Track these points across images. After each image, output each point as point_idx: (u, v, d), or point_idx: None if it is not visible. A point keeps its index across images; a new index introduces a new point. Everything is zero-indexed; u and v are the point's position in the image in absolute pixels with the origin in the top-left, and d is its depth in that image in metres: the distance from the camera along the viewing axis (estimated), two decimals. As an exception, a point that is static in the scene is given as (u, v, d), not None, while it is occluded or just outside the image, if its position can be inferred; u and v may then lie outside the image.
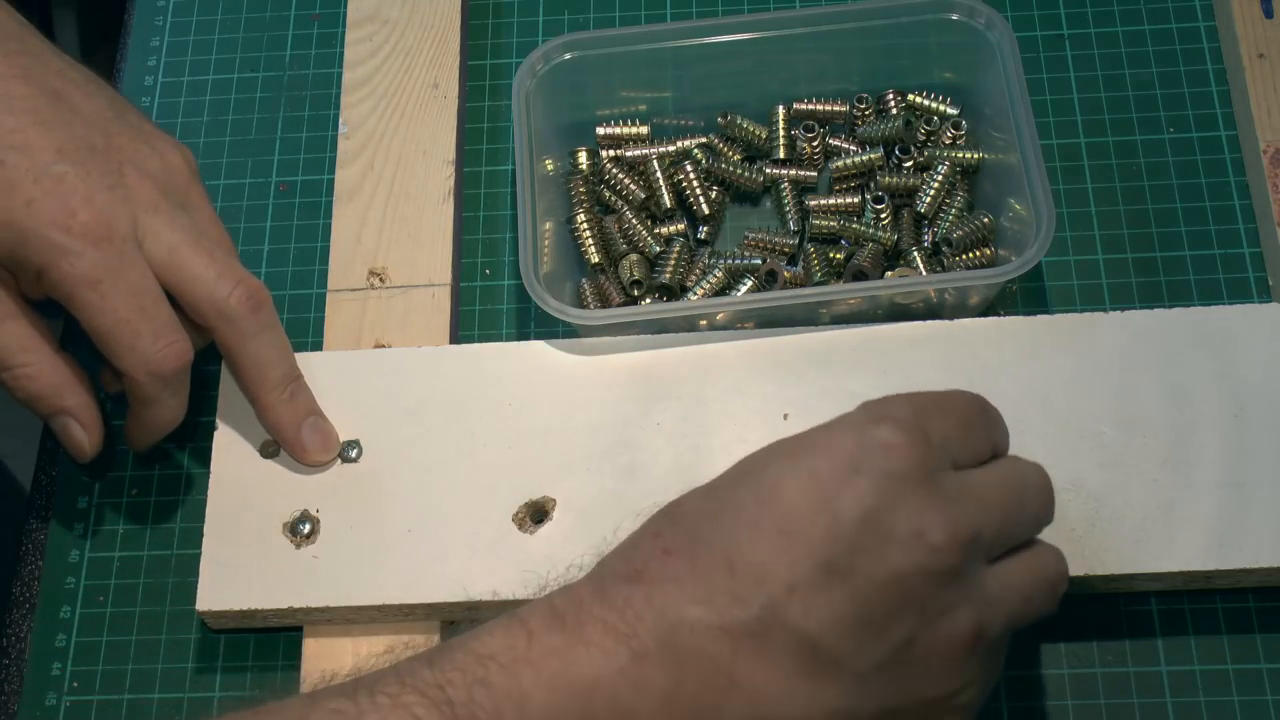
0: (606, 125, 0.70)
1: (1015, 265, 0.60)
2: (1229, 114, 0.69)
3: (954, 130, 0.68)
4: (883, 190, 0.67)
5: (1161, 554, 0.57)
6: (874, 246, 0.66)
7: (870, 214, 0.67)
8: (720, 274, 0.66)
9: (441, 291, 0.67)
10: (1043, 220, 0.60)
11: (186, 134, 0.74)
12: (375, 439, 0.62)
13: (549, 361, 0.63)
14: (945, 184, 0.67)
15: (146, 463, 0.66)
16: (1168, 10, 0.72)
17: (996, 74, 0.65)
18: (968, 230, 0.65)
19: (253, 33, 0.77)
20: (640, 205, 0.69)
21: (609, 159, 0.70)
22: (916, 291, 0.63)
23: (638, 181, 0.69)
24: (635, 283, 0.66)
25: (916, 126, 0.68)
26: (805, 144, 0.69)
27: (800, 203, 0.69)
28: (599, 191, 0.70)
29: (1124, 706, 0.58)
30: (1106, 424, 0.60)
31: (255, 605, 0.59)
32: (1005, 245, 0.65)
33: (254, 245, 0.71)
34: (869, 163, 0.68)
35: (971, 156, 0.67)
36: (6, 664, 0.62)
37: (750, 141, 0.70)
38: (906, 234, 0.67)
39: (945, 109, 0.69)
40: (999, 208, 0.66)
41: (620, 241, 0.68)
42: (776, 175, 0.69)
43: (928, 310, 0.64)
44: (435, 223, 0.68)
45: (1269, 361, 0.60)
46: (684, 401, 0.61)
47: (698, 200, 0.68)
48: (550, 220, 0.67)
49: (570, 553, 0.56)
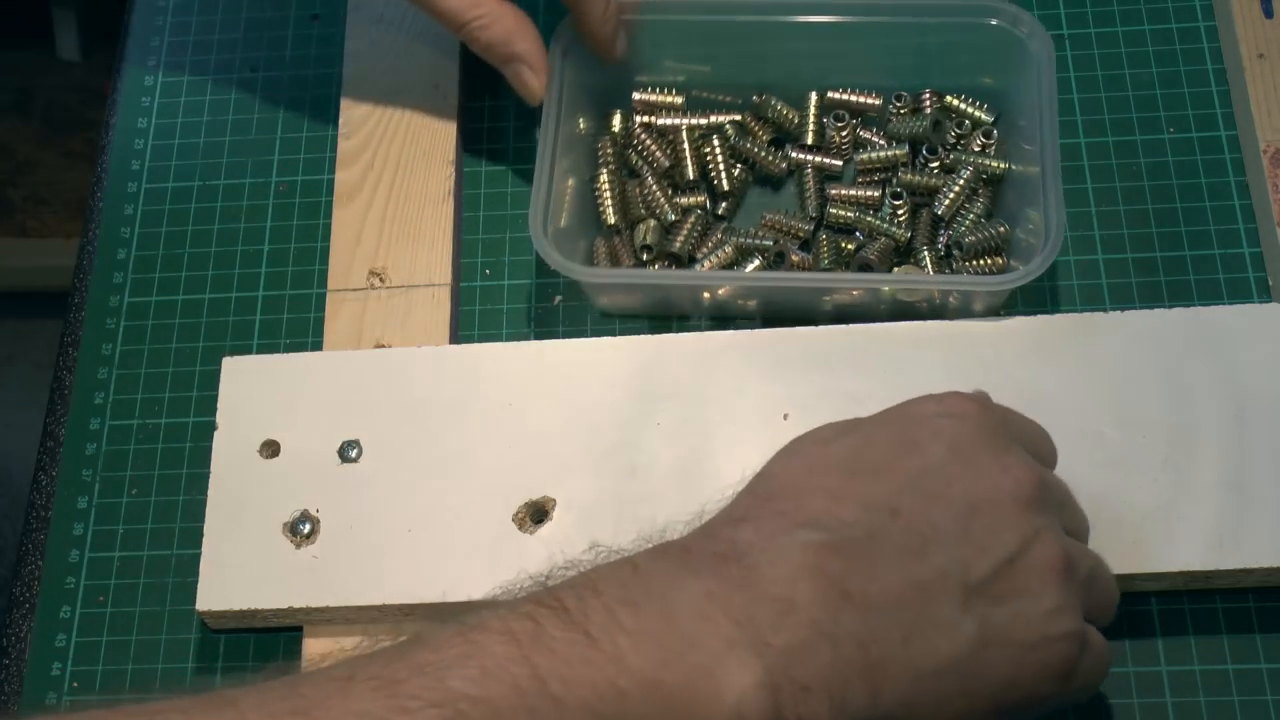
0: (643, 91, 0.71)
1: (1019, 275, 0.60)
2: (1229, 114, 0.69)
3: (984, 138, 0.68)
4: (903, 187, 0.67)
5: (1161, 554, 0.57)
6: (885, 241, 0.66)
7: (887, 209, 0.67)
8: (730, 249, 0.67)
9: (441, 291, 0.67)
10: (1051, 231, 0.60)
11: (186, 134, 0.74)
12: (375, 439, 0.62)
13: (549, 361, 0.63)
14: (966, 188, 0.66)
15: (146, 463, 0.66)
16: (1168, 10, 0.72)
17: (1033, 84, 0.64)
18: (981, 236, 0.65)
19: (253, 33, 0.77)
20: (664, 173, 0.69)
21: (641, 125, 0.70)
22: (920, 291, 0.62)
23: (665, 150, 0.70)
24: (645, 247, 0.67)
25: (947, 128, 0.68)
26: (834, 133, 0.69)
27: (821, 190, 0.69)
28: (626, 155, 0.70)
29: (1124, 707, 0.58)
30: (1106, 424, 0.60)
31: (255, 605, 0.59)
32: (1018, 256, 0.65)
33: (254, 245, 0.71)
34: (893, 158, 0.68)
35: (997, 165, 0.67)
36: (6, 664, 0.62)
37: (781, 124, 0.70)
38: (921, 234, 0.67)
39: (980, 115, 0.68)
40: (1018, 219, 0.65)
41: (639, 206, 0.69)
42: (801, 160, 0.69)
43: (931, 312, 0.64)
44: (435, 223, 0.68)
45: (1269, 361, 0.60)
46: (684, 401, 0.61)
47: (720, 175, 0.69)
48: (574, 178, 0.68)
49: (570, 553, 0.56)
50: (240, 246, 0.71)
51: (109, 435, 0.67)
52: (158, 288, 0.70)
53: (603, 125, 0.71)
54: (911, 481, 0.47)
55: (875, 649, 0.45)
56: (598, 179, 0.68)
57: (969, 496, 0.47)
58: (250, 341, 0.68)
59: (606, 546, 0.49)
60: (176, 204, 0.72)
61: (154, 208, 0.72)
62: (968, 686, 0.46)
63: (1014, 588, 0.47)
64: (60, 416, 0.67)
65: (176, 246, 0.71)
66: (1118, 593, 0.53)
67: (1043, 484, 0.49)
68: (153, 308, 0.70)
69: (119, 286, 0.70)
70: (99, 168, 0.74)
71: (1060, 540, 0.48)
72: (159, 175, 0.73)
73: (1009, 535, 0.47)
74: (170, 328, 0.69)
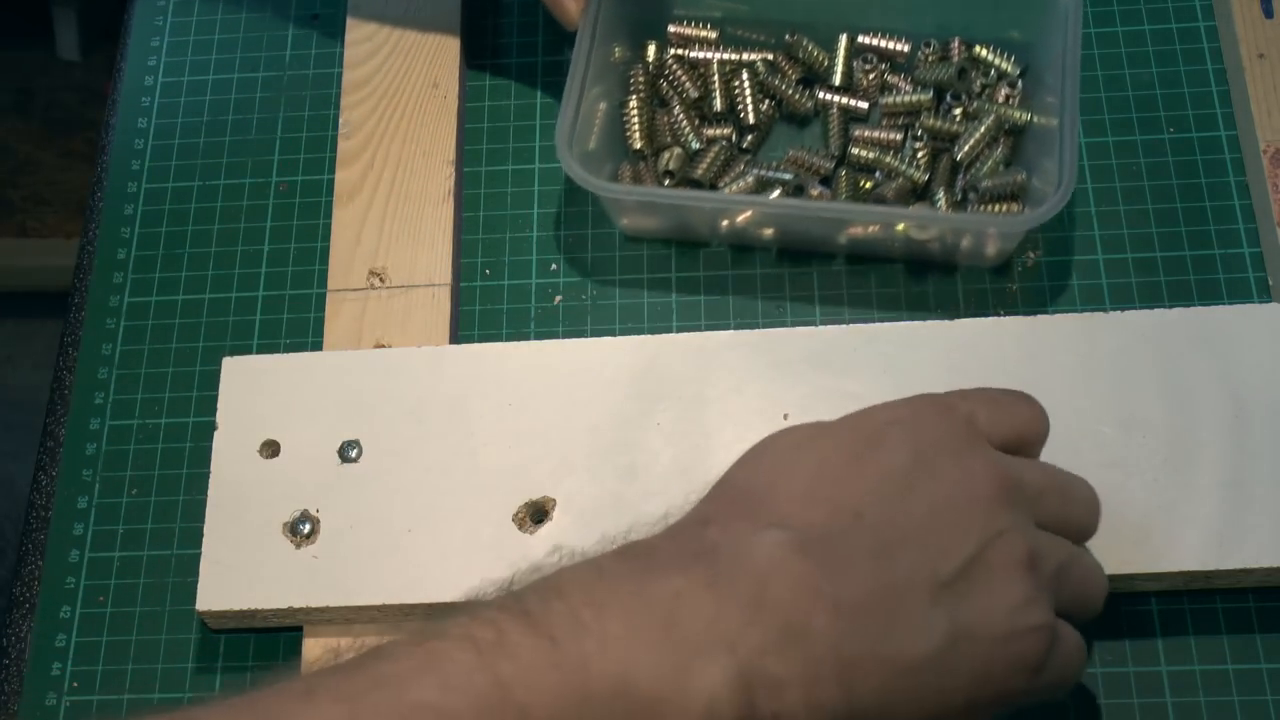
0: (679, 24, 0.72)
1: (1030, 216, 0.61)
2: (1229, 114, 0.69)
3: (1009, 88, 0.69)
4: (925, 131, 0.68)
5: (1161, 554, 0.57)
6: (903, 181, 0.67)
7: (908, 151, 0.68)
8: (751, 180, 0.68)
9: (441, 291, 0.67)
10: (1065, 172, 0.61)
11: (186, 134, 0.74)
12: (375, 439, 0.62)
13: (549, 361, 0.63)
14: (987, 135, 0.67)
15: (146, 463, 0.66)
16: (1168, 10, 0.72)
17: (1058, 33, 0.65)
18: (998, 182, 0.66)
19: (253, 33, 0.77)
20: (692, 104, 0.71)
21: (674, 56, 0.72)
22: (933, 230, 0.63)
23: (695, 82, 0.71)
24: (668, 173, 0.68)
25: (972, 77, 0.69)
26: (862, 75, 0.70)
27: (845, 130, 0.70)
28: (658, 85, 0.71)
29: (1124, 706, 0.58)
30: (1106, 424, 0.60)
31: (255, 605, 0.59)
32: (1034, 205, 0.65)
33: (254, 245, 0.71)
34: (918, 103, 0.69)
35: (1019, 115, 0.68)
36: (6, 664, 0.62)
37: (811, 65, 0.71)
38: (939, 177, 0.68)
39: (1007, 66, 0.69)
40: (1036, 170, 0.66)
41: (666, 134, 0.70)
42: (827, 100, 0.70)
43: (944, 254, 0.65)
44: (435, 223, 0.68)
45: (1269, 361, 0.60)
46: (684, 401, 0.61)
47: (747, 109, 0.70)
48: (605, 104, 0.69)
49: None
50: (240, 246, 0.71)
51: (109, 435, 0.67)
52: (158, 288, 0.70)
53: (637, 55, 0.72)
54: (874, 486, 0.48)
55: (847, 647, 0.44)
56: (627, 105, 0.70)
57: (930, 499, 0.47)
58: (250, 341, 0.68)
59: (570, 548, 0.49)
60: (176, 204, 0.72)
61: (154, 208, 0.72)
62: (941, 683, 0.46)
63: (980, 584, 0.47)
64: (60, 416, 0.67)
65: (176, 246, 0.71)
66: (1102, 585, 0.52)
67: (1005, 482, 0.49)
68: (153, 308, 0.70)
69: (119, 286, 0.70)
70: (99, 168, 0.74)
71: (1025, 536, 0.48)
72: (159, 175, 0.73)
73: (970, 535, 0.47)
74: (170, 328, 0.69)
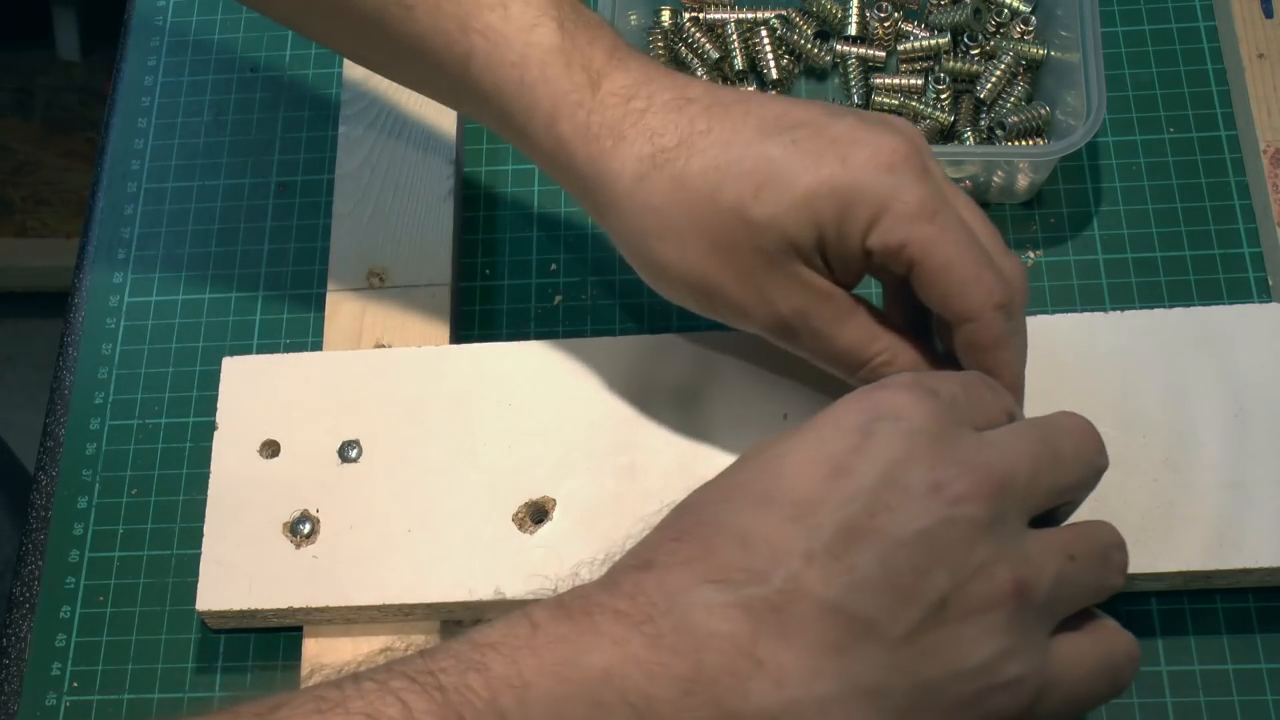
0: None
1: (1062, 145, 0.63)
2: (1229, 114, 0.69)
3: (1024, 26, 0.70)
4: (946, 74, 0.69)
5: (1161, 554, 0.57)
6: (930, 124, 0.68)
7: (931, 94, 0.69)
8: None
9: (441, 291, 0.67)
10: (1094, 103, 0.62)
11: (186, 134, 0.74)
12: (375, 439, 0.62)
13: (549, 361, 0.63)
14: (1007, 73, 0.69)
15: (146, 463, 0.66)
16: (1168, 10, 0.72)
17: None
18: (1024, 117, 0.67)
19: (253, 33, 0.77)
20: (713, 65, 0.72)
21: (690, 19, 0.73)
22: (967, 168, 0.64)
23: (715, 43, 0.72)
24: None
25: (987, 17, 0.70)
26: (878, 24, 0.71)
27: (866, 80, 0.71)
28: (677, 49, 0.72)
29: (1124, 707, 0.58)
30: (1106, 424, 0.59)
31: (255, 605, 0.59)
32: (1058, 138, 0.66)
33: (254, 245, 0.71)
34: (935, 47, 0.70)
35: (1037, 51, 0.69)
36: (6, 664, 0.62)
37: (826, 18, 0.72)
38: (964, 117, 0.69)
39: (1019, 3, 0.70)
40: (1056, 103, 0.67)
41: None
42: (845, 52, 0.71)
43: (976, 192, 0.66)
44: (435, 223, 0.68)
45: (1269, 361, 0.60)
46: (684, 401, 0.61)
47: (769, 65, 0.71)
48: None
49: (570, 553, 0.56)
50: (240, 246, 0.71)
51: (109, 435, 0.67)
52: (158, 288, 0.70)
53: (654, 21, 0.73)
54: (829, 516, 0.43)
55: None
56: None
57: (895, 531, 0.42)
58: (250, 341, 0.68)
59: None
60: (176, 204, 0.72)
61: (154, 208, 0.72)
62: None
63: (949, 635, 0.42)
64: (60, 416, 0.67)
65: (176, 246, 0.71)
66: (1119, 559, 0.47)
67: (989, 487, 0.43)
68: (153, 308, 0.70)
69: (119, 286, 0.70)
70: (99, 168, 0.74)
71: (1010, 562, 0.43)
72: (159, 175, 0.73)
73: (940, 574, 0.42)
74: (170, 328, 0.69)
